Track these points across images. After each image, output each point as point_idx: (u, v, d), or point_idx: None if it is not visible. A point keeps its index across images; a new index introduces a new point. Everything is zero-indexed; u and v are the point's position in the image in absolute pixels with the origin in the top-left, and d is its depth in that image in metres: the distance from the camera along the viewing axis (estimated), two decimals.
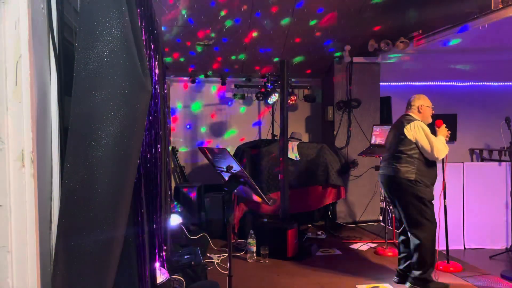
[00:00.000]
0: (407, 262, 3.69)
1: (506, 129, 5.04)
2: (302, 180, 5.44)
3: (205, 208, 5.54)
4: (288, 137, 5.17)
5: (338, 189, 5.58)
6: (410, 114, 3.72)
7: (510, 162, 5.55)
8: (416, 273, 3.54)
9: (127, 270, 1.71)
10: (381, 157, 4.91)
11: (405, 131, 3.56)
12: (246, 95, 6.49)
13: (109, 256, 1.28)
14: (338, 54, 6.18)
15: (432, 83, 7.34)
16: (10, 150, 1.17)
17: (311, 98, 6.42)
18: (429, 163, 3.55)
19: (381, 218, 6.10)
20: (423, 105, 3.70)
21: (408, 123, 3.60)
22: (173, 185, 6.26)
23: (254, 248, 4.53)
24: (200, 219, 5.70)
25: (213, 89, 6.66)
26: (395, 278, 3.77)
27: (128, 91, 1.21)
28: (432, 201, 3.56)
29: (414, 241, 3.53)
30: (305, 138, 6.82)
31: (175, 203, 5.61)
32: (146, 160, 2.38)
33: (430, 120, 3.74)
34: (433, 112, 3.77)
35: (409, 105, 3.79)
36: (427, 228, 3.50)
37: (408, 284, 3.61)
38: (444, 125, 3.74)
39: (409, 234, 3.59)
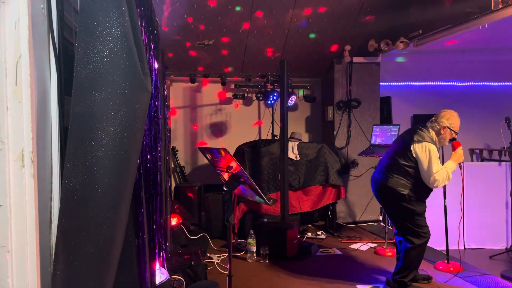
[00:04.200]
0: None
1: (506, 129, 5.05)
2: (302, 180, 5.44)
3: (205, 208, 5.54)
4: (288, 137, 5.17)
5: (338, 189, 5.58)
6: (429, 130, 3.45)
7: (510, 162, 5.56)
8: (396, 276, 3.54)
9: (127, 270, 1.71)
10: (381, 157, 4.92)
11: (412, 149, 3.37)
12: (246, 95, 6.49)
13: (109, 256, 1.28)
14: (337, 54, 6.18)
15: (432, 83, 7.35)
16: (10, 150, 1.17)
17: (311, 98, 6.42)
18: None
19: (381, 218, 6.10)
20: (448, 128, 3.40)
21: (419, 142, 3.36)
22: (173, 185, 6.27)
23: (254, 248, 4.53)
24: (200, 219, 5.69)
25: (213, 89, 6.66)
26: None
27: (128, 91, 1.21)
28: (424, 213, 3.48)
29: (406, 244, 3.48)
30: (305, 138, 6.82)
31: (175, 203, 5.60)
32: (146, 160, 2.38)
33: (447, 144, 3.51)
34: (456, 137, 3.47)
35: (434, 120, 3.46)
36: (420, 236, 3.45)
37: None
38: (461, 147, 3.48)
39: (402, 237, 3.55)
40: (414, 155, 3.37)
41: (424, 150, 3.34)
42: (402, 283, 3.52)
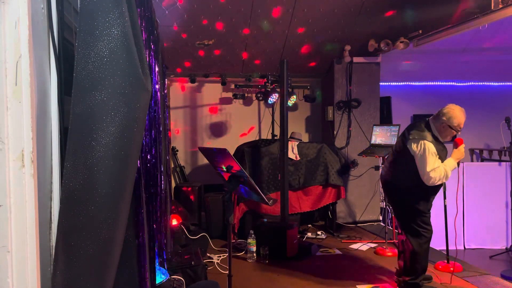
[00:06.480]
0: None
1: (506, 129, 5.05)
2: (302, 180, 5.44)
3: (205, 208, 5.54)
4: (288, 137, 5.17)
5: (338, 189, 5.58)
6: (430, 125, 3.39)
7: (510, 162, 5.56)
8: (407, 278, 3.55)
9: (127, 270, 1.71)
10: (381, 157, 4.92)
11: (409, 147, 3.35)
12: (246, 95, 6.49)
13: (109, 256, 1.28)
14: (337, 54, 6.18)
15: (432, 83, 7.35)
16: (10, 150, 1.17)
17: (311, 98, 6.42)
18: None
19: (381, 218, 6.10)
20: (450, 126, 3.31)
21: (415, 140, 3.32)
22: (173, 185, 6.27)
23: (254, 248, 4.53)
24: (200, 219, 5.69)
25: (213, 89, 6.66)
26: (395, 278, 3.77)
27: (128, 91, 1.21)
28: (429, 211, 3.48)
29: (409, 246, 3.50)
30: (305, 138, 6.81)
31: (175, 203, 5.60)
32: (146, 160, 2.38)
33: (449, 140, 3.44)
34: (459, 133, 3.38)
35: (438, 115, 3.39)
36: (421, 235, 3.45)
37: None
38: (464, 144, 3.43)
39: (405, 238, 3.57)
40: (411, 152, 3.36)
41: (419, 148, 3.29)
42: (415, 285, 3.54)
